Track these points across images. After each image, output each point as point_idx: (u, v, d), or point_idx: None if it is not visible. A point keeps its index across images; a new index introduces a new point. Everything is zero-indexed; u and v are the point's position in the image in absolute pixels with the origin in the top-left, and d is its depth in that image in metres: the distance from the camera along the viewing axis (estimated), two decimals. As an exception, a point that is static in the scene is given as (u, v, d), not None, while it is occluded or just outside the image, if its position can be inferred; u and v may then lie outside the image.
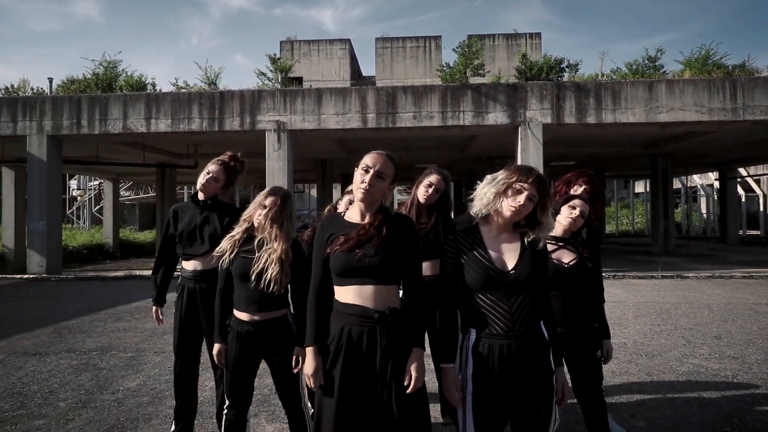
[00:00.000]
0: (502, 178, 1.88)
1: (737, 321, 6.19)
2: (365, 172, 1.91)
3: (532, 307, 1.84)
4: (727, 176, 20.47)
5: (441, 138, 13.41)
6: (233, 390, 2.43)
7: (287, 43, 32.05)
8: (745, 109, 10.81)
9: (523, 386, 1.81)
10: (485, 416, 1.81)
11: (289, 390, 2.43)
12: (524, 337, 1.81)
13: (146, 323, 6.35)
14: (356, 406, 1.84)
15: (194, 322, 2.90)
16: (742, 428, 3.10)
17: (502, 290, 1.81)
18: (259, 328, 2.38)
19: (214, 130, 11.83)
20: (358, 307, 1.85)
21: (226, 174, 3.02)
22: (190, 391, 2.98)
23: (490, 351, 1.80)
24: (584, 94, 11.09)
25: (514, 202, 1.83)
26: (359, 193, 1.90)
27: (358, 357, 1.84)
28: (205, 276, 2.86)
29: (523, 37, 30.49)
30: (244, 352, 2.40)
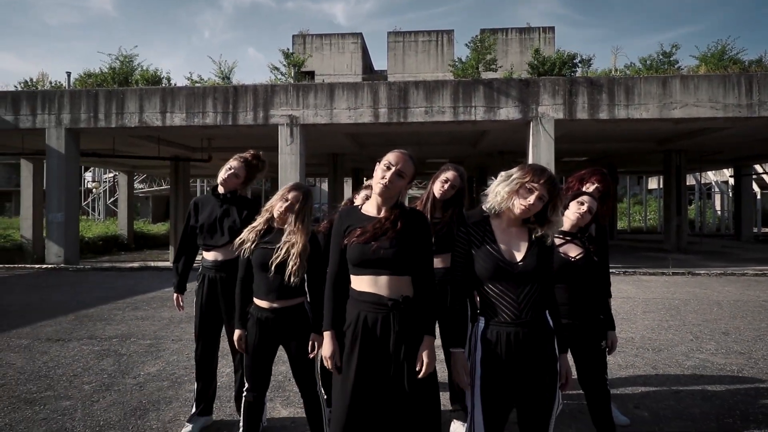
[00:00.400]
0: (516, 177, 1.96)
1: (746, 318, 6.21)
2: (387, 169, 2.01)
3: (538, 297, 1.93)
4: (743, 173, 20.24)
5: (452, 133, 13.45)
6: (253, 373, 2.56)
7: (299, 37, 32.16)
8: (761, 105, 10.71)
9: (529, 371, 1.91)
10: (493, 400, 1.91)
11: (305, 375, 2.55)
12: (530, 324, 1.91)
13: (163, 312, 6.53)
14: (370, 388, 1.95)
15: (214, 310, 3.03)
16: (745, 420, 3.17)
17: (511, 281, 1.91)
18: (278, 315, 2.50)
19: (228, 124, 11.99)
20: (373, 295, 1.96)
21: (247, 171, 3.14)
22: (210, 375, 3.12)
23: (498, 338, 1.90)
24: (597, 89, 11.06)
25: (524, 201, 1.92)
26: (378, 188, 2.01)
27: (373, 341, 1.95)
28: (225, 266, 2.98)
29: (537, 32, 30.30)
30: (263, 337, 2.52)
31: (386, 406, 1.97)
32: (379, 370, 1.95)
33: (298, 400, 3.54)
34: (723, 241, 19.86)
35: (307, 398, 2.59)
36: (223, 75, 14.55)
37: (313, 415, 2.58)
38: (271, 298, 2.50)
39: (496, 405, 1.92)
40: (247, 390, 2.58)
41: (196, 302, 3.07)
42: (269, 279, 2.49)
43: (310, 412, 2.59)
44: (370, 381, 1.96)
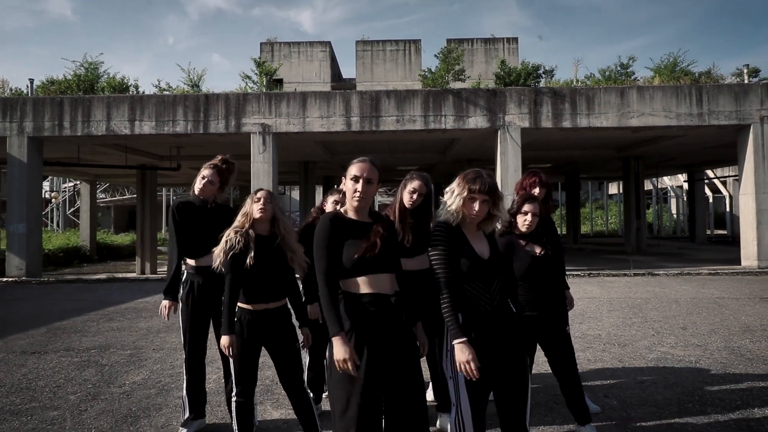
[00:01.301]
0: (457, 192, 2.22)
1: (702, 314, 6.64)
2: (355, 182, 2.17)
3: (502, 287, 2.22)
4: (695, 178, 21.34)
5: (423, 141, 13.76)
6: (241, 375, 2.64)
7: (267, 44, 32.06)
8: (711, 114, 11.42)
9: (503, 354, 2.13)
10: (477, 385, 2.11)
11: (292, 375, 2.67)
12: (500, 312, 2.17)
13: (139, 323, 6.48)
14: (380, 383, 2.09)
15: (202, 315, 3.11)
16: (703, 404, 3.46)
17: (485, 277, 2.13)
18: (263, 316, 2.62)
19: (199, 132, 11.93)
20: (374, 295, 2.11)
21: (220, 176, 3.24)
22: (200, 380, 3.18)
23: (478, 327, 2.12)
24: (560, 99, 11.56)
25: (472, 210, 2.19)
26: (355, 202, 2.16)
27: (379, 336, 2.09)
28: (205, 272, 3.06)
29: (501, 42, 31.14)
30: (249, 339, 2.62)
31: (392, 399, 2.11)
32: (386, 362, 2.09)
33: (287, 401, 3.65)
34: (679, 243, 20.85)
35: (295, 398, 2.69)
36: (192, 83, 14.46)
37: (304, 415, 2.68)
38: (258, 300, 2.62)
39: (480, 389, 2.12)
40: (237, 393, 2.66)
41: (182, 309, 3.13)
42: (255, 281, 2.60)
43: (301, 412, 2.69)
44: (380, 375, 2.09)
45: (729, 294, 8.21)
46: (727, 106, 11.43)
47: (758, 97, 11.41)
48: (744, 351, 4.79)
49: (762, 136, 11.39)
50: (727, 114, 11.41)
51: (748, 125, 11.44)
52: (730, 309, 6.90)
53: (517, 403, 2.20)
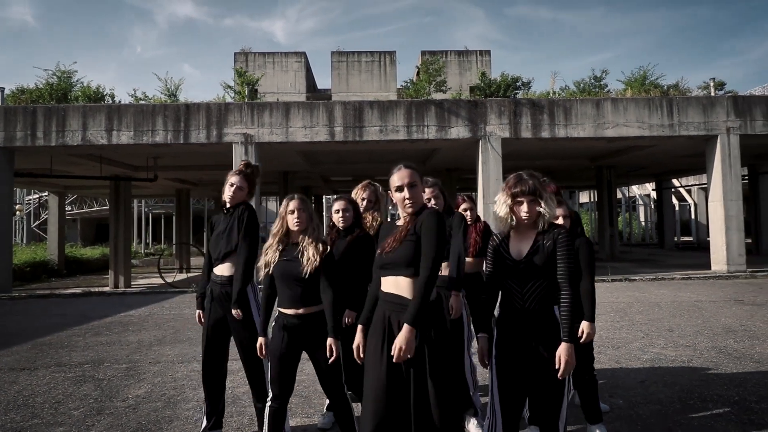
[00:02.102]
0: (503, 199, 2.30)
1: (684, 316, 6.90)
2: (400, 191, 2.23)
3: (543, 290, 2.21)
4: (663, 187, 22.15)
5: (405, 151, 13.88)
6: (279, 381, 2.65)
7: (242, 54, 31.89)
8: (681, 125, 11.93)
9: (537, 358, 2.17)
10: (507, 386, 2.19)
11: (332, 379, 2.68)
12: (535, 314, 2.19)
13: (128, 336, 6.32)
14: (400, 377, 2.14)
15: (222, 325, 3.09)
16: (703, 401, 3.62)
17: (517, 276, 2.20)
18: (304, 321, 2.64)
19: (180, 142, 11.75)
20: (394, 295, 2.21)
21: (248, 181, 3.24)
22: (219, 390, 3.15)
23: (509, 324, 2.20)
24: (539, 110, 11.88)
25: (522, 212, 2.25)
26: (409, 209, 2.23)
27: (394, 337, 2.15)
28: (227, 281, 3.05)
29: (474, 54, 31.80)
30: (289, 344, 2.64)
31: (414, 393, 2.15)
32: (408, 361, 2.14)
33: (299, 410, 3.64)
34: (649, 250, 21.54)
35: (335, 401, 2.71)
36: (169, 92, 14.28)
37: (344, 419, 2.70)
38: (297, 305, 2.63)
39: (511, 390, 2.19)
40: (272, 398, 2.67)
41: (204, 316, 3.12)
42: (294, 288, 2.62)
43: (340, 415, 2.70)
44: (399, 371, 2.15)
45: (705, 297, 8.55)
46: (696, 118, 11.96)
47: (724, 109, 11.98)
48: (730, 350, 5.01)
49: (728, 146, 11.94)
50: (696, 125, 11.94)
51: (716, 136, 11.99)
52: (710, 311, 7.19)
53: (549, 408, 2.25)
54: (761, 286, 9.76)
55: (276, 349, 2.66)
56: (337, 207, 3.31)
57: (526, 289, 2.20)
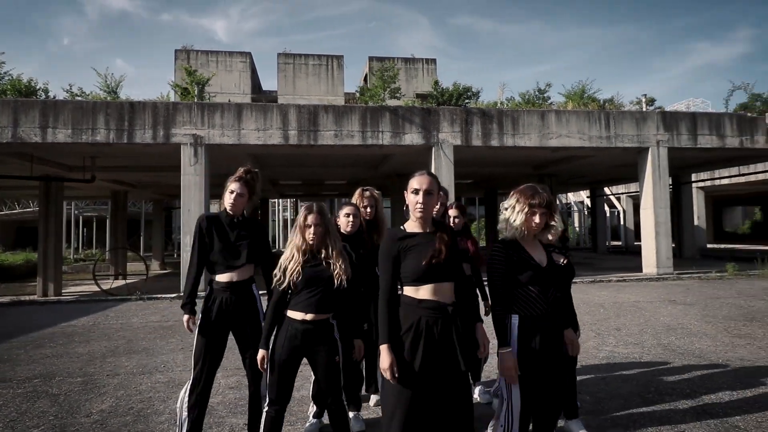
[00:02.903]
0: (519, 208, 2.42)
1: (627, 316, 7.39)
2: (416, 194, 2.30)
3: (558, 296, 2.38)
4: (597, 194, 23.53)
5: (357, 156, 13.92)
6: (279, 388, 2.62)
7: (183, 52, 30.81)
8: (617, 137, 12.76)
9: (550, 359, 2.32)
10: (529, 383, 2.29)
11: (332, 384, 2.67)
12: (554, 318, 2.34)
13: (76, 348, 5.94)
14: (432, 383, 2.19)
15: (221, 333, 3.01)
16: (660, 393, 3.92)
17: (542, 283, 2.32)
18: (314, 327, 2.62)
19: (123, 142, 11.17)
20: (434, 302, 2.21)
21: (248, 187, 3.17)
22: (206, 399, 3.05)
23: (532, 330, 2.30)
24: (489, 119, 12.32)
25: (533, 223, 2.40)
26: (418, 213, 2.29)
27: (433, 341, 2.19)
28: (237, 287, 2.99)
29: (420, 62, 32.40)
30: (293, 351, 2.61)
31: (443, 399, 2.21)
32: (440, 365, 2.20)
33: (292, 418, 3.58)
34: (584, 253, 22.77)
35: (333, 408, 2.69)
36: (109, 89, 13.57)
37: (340, 423, 2.69)
38: (314, 310, 2.61)
39: (533, 387, 2.30)
40: (270, 404, 2.63)
41: (201, 326, 2.98)
42: (317, 294, 2.61)
43: (337, 420, 2.70)
44: (433, 376, 2.19)
45: (642, 298, 9.19)
46: (630, 131, 12.84)
47: (655, 123, 12.95)
48: (674, 347, 5.44)
49: (658, 157, 12.91)
50: (630, 137, 12.82)
51: (647, 148, 12.93)
52: (649, 311, 7.74)
53: (553, 407, 2.39)
54: (688, 287, 10.62)
55: (281, 355, 2.61)
56: (347, 211, 3.37)
57: (549, 294, 2.33)
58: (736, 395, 3.86)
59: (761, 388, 4.00)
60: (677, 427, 3.31)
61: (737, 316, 7.06)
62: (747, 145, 13.25)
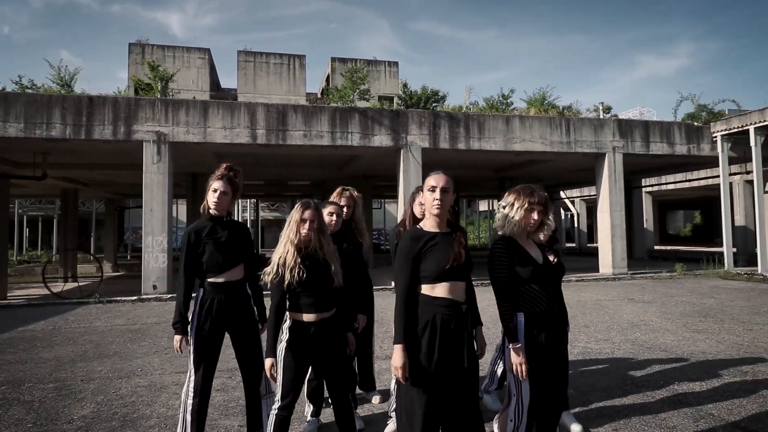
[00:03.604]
0: (518, 204, 2.52)
1: (593, 313, 7.72)
2: (433, 191, 2.36)
3: (556, 292, 2.49)
4: (554, 198, 24.38)
5: (324, 157, 13.86)
6: (291, 388, 2.59)
7: (138, 46, 29.79)
8: (576, 142, 13.29)
9: (553, 354, 2.43)
10: (539, 378, 2.38)
11: (341, 382, 2.68)
12: (554, 315, 2.45)
13: (41, 353, 5.64)
14: (447, 378, 2.24)
15: (218, 335, 2.95)
16: (637, 385, 4.14)
17: (541, 280, 2.42)
18: (323, 326, 2.62)
19: (81, 138, 10.69)
20: (451, 300, 2.27)
21: (231, 185, 3.13)
22: (207, 402, 2.97)
23: (537, 327, 2.38)
24: (456, 123, 12.56)
25: (531, 220, 2.51)
26: (435, 210, 2.34)
27: (448, 337, 2.25)
28: (230, 287, 2.94)
29: (383, 65, 32.54)
30: (305, 352, 2.60)
31: (457, 392, 2.27)
32: (454, 361, 2.26)
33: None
34: (541, 255, 23.54)
35: (340, 408, 2.69)
36: (63, 82, 12.97)
37: (347, 422, 2.70)
38: (321, 310, 2.61)
39: (542, 382, 2.39)
40: (281, 407, 2.59)
41: (197, 328, 2.90)
42: (319, 294, 2.60)
43: (344, 419, 2.70)
44: (448, 371, 2.24)
45: (603, 297, 9.61)
46: (589, 137, 13.41)
47: (611, 130, 13.58)
48: (641, 342, 5.74)
49: (614, 163, 13.55)
50: (589, 143, 13.39)
51: (604, 153, 13.53)
52: (612, 309, 8.12)
53: (558, 401, 2.50)
54: (643, 286, 11.19)
55: (290, 361, 2.59)
56: (330, 210, 3.34)
57: (548, 291, 2.43)
58: (706, 385, 4.13)
59: (726, 378, 4.30)
60: (658, 416, 3.51)
61: (692, 313, 7.52)
62: (694, 152, 14.10)
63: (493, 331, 6.34)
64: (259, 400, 2.98)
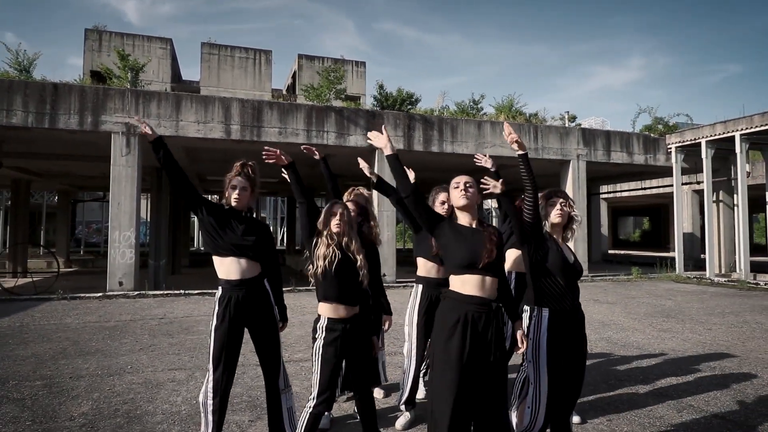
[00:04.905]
0: (542, 203, 2.73)
1: (564, 313, 8.08)
2: (457, 187, 2.52)
3: (578, 289, 2.67)
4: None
5: (297, 154, 13.72)
6: (329, 388, 2.62)
7: (94, 32, 28.61)
8: (543, 149, 13.80)
9: (577, 346, 2.60)
10: (556, 369, 2.54)
11: (367, 374, 2.76)
12: (577, 313, 2.61)
13: (16, 351, 5.39)
14: (474, 375, 2.36)
15: (238, 331, 2.95)
16: (620, 381, 4.42)
17: (570, 277, 2.59)
18: (356, 320, 2.70)
19: (44, 126, 10.22)
20: (481, 298, 2.40)
21: (249, 181, 3.15)
22: (227, 400, 2.96)
23: (561, 324, 2.55)
24: (430, 126, 12.78)
25: (556, 211, 2.70)
26: (462, 200, 2.50)
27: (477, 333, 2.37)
28: (249, 284, 2.94)
29: (350, 64, 32.53)
30: (342, 349, 2.67)
31: (484, 389, 2.40)
32: (483, 356, 2.38)
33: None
34: (502, 257, 24.19)
35: (365, 398, 2.77)
36: (21, 66, 12.34)
37: (369, 415, 2.78)
38: (355, 303, 2.69)
39: (559, 374, 2.55)
40: (317, 404, 2.61)
41: (216, 326, 2.89)
42: (351, 287, 2.68)
43: (367, 413, 2.78)
44: (477, 367, 2.36)
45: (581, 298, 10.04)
46: (555, 144, 13.95)
47: (576, 138, 14.17)
48: (615, 340, 6.08)
49: (578, 169, 14.15)
50: (555, 150, 13.93)
51: (569, 160, 14.11)
52: (580, 309, 8.51)
53: (570, 397, 2.68)
54: (604, 288, 11.75)
55: (332, 356, 2.64)
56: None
57: (573, 289, 2.60)
58: (681, 379, 4.46)
59: (698, 373, 4.65)
60: (645, 407, 3.78)
61: (655, 314, 8.00)
62: (651, 162, 14.92)
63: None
64: (279, 395, 3.01)
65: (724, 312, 8.18)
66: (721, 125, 13.40)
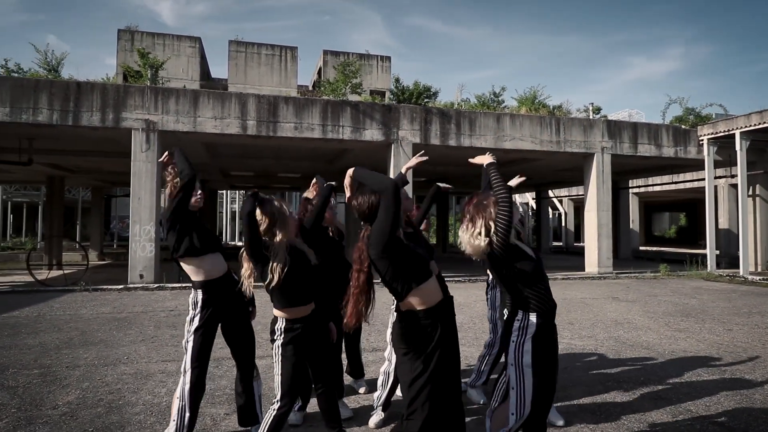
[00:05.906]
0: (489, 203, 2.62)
1: (578, 311, 7.83)
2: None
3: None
4: (542, 196, 24.56)
5: (315, 150, 13.83)
6: (292, 386, 2.57)
7: (127, 32, 29.33)
8: (566, 142, 13.41)
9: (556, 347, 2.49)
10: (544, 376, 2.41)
11: (329, 374, 2.72)
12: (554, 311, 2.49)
13: (25, 340, 5.59)
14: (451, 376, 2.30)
15: (215, 330, 2.97)
16: (619, 381, 4.22)
17: (544, 276, 2.47)
18: (313, 317, 2.65)
19: (68, 124, 10.56)
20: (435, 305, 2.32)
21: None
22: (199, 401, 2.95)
23: (547, 325, 2.43)
24: (447, 119, 12.60)
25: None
26: None
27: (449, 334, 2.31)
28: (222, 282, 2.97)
29: (375, 59, 32.41)
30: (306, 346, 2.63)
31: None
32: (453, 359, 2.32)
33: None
34: (528, 253, 23.75)
35: (328, 392, 2.72)
36: (50, 67, 12.76)
37: (332, 412, 2.73)
38: (310, 301, 2.64)
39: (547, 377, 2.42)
40: (282, 405, 2.56)
41: (198, 325, 2.88)
42: (306, 284, 2.63)
43: (330, 410, 2.73)
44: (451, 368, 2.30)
45: (588, 295, 9.74)
46: (578, 137, 13.53)
47: (600, 130, 13.71)
48: (624, 340, 5.84)
49: (602, 163, 13.69)
50: (578, 143, 13.51)
51: (593, 154, 13.67)
52: (596, 307, 8.23)
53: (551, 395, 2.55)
54: (627, 285, 11.35)
55: (296, 356, 2.59)
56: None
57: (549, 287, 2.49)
58: (685, 383, 4.22)
59: (704, 377, 4.40)
60: (638, 411, 3.59)
61: (674, 313, 7.66)
62: (681, 155, 14.30)
63: (480, 326, 6.42)
64: (252, 384, 3.03)
65: (751, 312, 7.76)
66: (756, 115, 12.70)
